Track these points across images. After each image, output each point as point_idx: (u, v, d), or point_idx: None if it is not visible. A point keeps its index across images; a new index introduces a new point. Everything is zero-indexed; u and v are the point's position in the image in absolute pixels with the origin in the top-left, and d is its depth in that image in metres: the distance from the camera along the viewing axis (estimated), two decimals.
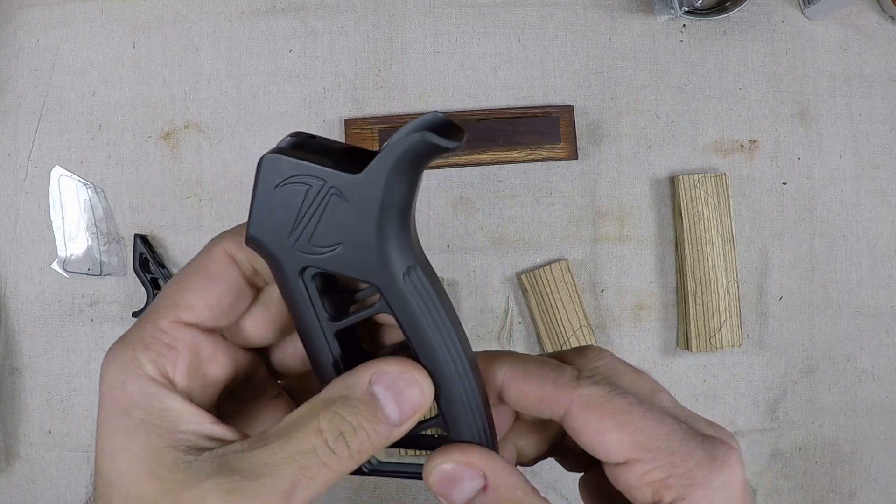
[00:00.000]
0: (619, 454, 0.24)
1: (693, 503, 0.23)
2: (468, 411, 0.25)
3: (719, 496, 0.23)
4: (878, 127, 0.62)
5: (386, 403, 0.23)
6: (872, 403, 0.61)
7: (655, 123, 0.62)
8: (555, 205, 0.61)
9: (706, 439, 0.24)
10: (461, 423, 0.25)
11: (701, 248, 0.59)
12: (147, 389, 0.22)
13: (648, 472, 0.23)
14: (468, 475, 0.24)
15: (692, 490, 0.23)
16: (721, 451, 0.24)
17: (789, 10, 0.62)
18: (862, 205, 0.62)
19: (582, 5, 0.62)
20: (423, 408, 0.24)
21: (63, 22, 0.62)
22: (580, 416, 0.24)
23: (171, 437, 0.22)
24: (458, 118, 0.60)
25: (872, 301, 0.62)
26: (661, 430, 0.24)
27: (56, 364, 0.61)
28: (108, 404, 0.23)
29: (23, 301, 0.61)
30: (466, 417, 0.25)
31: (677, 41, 0.62)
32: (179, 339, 0.23)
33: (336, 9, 0.62)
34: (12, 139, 0.62)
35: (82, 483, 0.61)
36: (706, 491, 0.23)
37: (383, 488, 0.60)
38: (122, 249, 0.61)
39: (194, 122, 0.61)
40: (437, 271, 0.49)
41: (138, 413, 0.22)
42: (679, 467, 0.23)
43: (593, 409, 0.24)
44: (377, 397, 0.23)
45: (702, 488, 0.23)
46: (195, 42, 0.62)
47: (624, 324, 0.61)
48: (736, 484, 0.24)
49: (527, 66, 0.62)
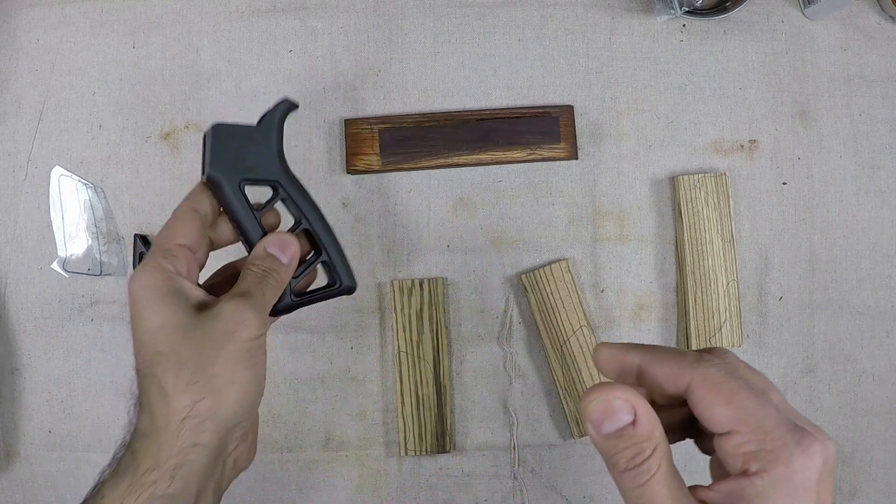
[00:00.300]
0: (724, 425, 0.29)
1: (772, 476, 0.27)
2: (337, 251, 0.46)
3: (797, 476, 0.27)
4: (878, 127, 0.62)
5: (276, 252, 0.42)
6: (872, 403, 0.61)
7: (655, 123, 0.62)
8: (555, 205, 0.61)
9: (798, 429, 0.28)
10: (335, 259, 0.46)
11: (701, 248, 0.59)
12: (170, 277, 0.39)
13: (743, 444, 0.28)
14: (623, 409, 0.29)
15: (774, 466, 0.27)
16: (807, 441, 0.28)
17: (789, 10, 0.62)
18: (862, 205, 0.62)
19: (582, 5, 0.62)
20: (295, 252, 0.43)
21: (63, 22, 0.62)
22: (697, 391, 0.30)
23: (186, 300, 0.39)
24: (458, 118, 0.61)
25: (872, 301, 0.62)
26: (760, 412, 0.28)
27: (56, 364, 0.61)
28: (142, 294, 0.38)
29: (23, 301, 0.61)
30: (337, 255, 0.46)
31: (677, 41, 0.62)
32: (180, 251, 0.40)
33: (336, 9, 0.62)
34: (12, 139, 0.62)
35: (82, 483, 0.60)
36: (785, 469, 0.27)
37: (383, 488, 0.60)
38: (122, 249, 0.61)
39: (194, 122, 0.61)
40: (438, 271, 0.64)
41: (166, 291, 0.39)
42: (768, 444, 0.28)
43: (709, 386, 0.29)
44: (269, 251, 0.42)
45: (782, 466, 0.27)
46: (195, 42, 0.62)
47: (624, 324, 0.61)
48: (813, 470, 0.28)
49: (527, 66, 0.62)
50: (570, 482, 0.61)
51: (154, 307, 0.38)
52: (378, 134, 0.60)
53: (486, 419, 0.61)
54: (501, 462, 0.60)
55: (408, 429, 0.58)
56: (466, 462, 0.60)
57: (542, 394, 0.61)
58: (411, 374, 0.58)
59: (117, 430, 0.61)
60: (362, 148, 0.60)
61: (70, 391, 0.61)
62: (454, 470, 0.60)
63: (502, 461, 0.60)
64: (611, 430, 0.29)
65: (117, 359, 0.61)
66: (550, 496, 0.60)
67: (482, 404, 0.61)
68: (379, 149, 0.60)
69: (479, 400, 0.61)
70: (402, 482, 0.60)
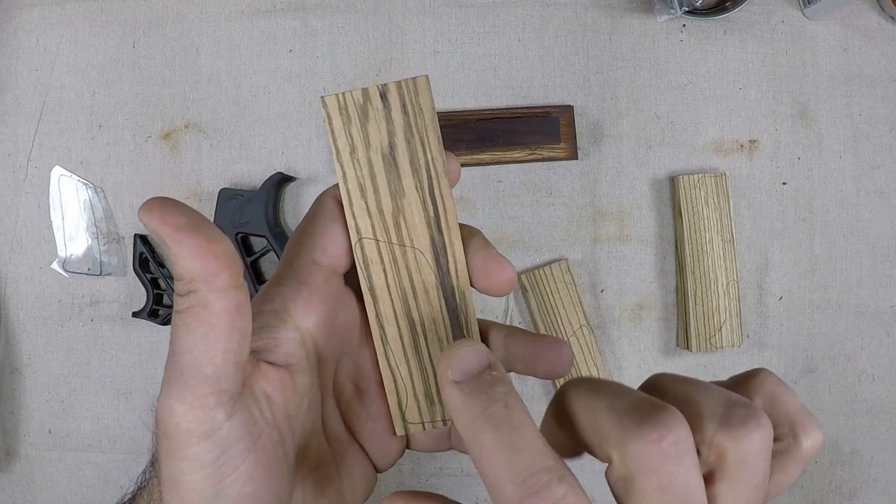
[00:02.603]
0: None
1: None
2: None
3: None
4: (878, 127, 0.62)
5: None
6: (872, 403, 0.61)
7: (655, 123, 0.62)
8: (555, 205, 0.61)
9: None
10: None
11: (701, 248, 0.59)
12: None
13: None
14: (478, 350, 0.23)
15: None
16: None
17: (789, 10, 0.62)
18: (862, 205, 0.62)
19: (582, 5, 0.62)
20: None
21: (63, 22, 0.62)
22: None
23: None
24: (459, 118, 0.60)
25: (872, 301, 0.62)
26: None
27: (56, 364, 0.61)
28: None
29: (23, 301, 0.61)
30: None
31: (677, 41, 0.62)
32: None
33: (336, 9, 0.62)
34: (12, 139, 0.62)
35: (82, 483, 0.61)
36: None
37: (384, 488, 0.60)
38: (122, 249, 0.61)
39: (194, 122, 0.61)
40: None
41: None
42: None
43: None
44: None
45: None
46: (195, 42, 0.62)
47: (624, 324, 0.61)
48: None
49: (527, 66, 0.62)
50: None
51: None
52: None
53: None
54: None
55: (402, 385, 0.29)
56: (466, 462, 0.60)
57: (542, 394, 0.61)
58: (393, 278, 0.28)
59: (117, 430, 0.62)
60: None
61: (70, 391, 0.61)
62: (454, 470, 0.60)
63: None
64: (472, 368, 0.23)
65: (117, 359, 0.61)
66: None
67: None
68: None
69: None
70: (402, 482, 0.60)
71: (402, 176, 0.27)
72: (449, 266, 0.28)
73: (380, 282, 0.28)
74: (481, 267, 0.28)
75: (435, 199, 0.27)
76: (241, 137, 0.61)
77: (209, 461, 0.23)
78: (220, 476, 0.23)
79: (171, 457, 0.23)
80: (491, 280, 0.28)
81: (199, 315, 0.22)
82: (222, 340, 0.22)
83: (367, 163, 0.27)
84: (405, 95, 0.27)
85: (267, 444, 0.24)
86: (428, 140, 0.27)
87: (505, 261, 0.28)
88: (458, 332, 0.28)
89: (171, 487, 0.23)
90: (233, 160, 0.61)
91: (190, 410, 0.22)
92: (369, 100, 0.27)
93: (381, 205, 0.27)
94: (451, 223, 0.28)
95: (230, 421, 0.23)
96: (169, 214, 0.21)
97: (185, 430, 0.22)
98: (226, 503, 0.23)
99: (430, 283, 0.28)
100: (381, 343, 0.29)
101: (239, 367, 0.23)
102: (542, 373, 0.29)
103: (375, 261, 0.28)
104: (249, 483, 0.23)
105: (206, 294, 0.22)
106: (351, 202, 0.27)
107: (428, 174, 0.27)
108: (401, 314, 0.28)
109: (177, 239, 0.21)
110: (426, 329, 0.28)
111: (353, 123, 0.27)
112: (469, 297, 0.28)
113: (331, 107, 0.27)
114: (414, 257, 0.28)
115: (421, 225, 0.28)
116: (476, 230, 0.28)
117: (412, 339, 0.29)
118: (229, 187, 0.59)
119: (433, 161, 0.27)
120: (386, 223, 0.28)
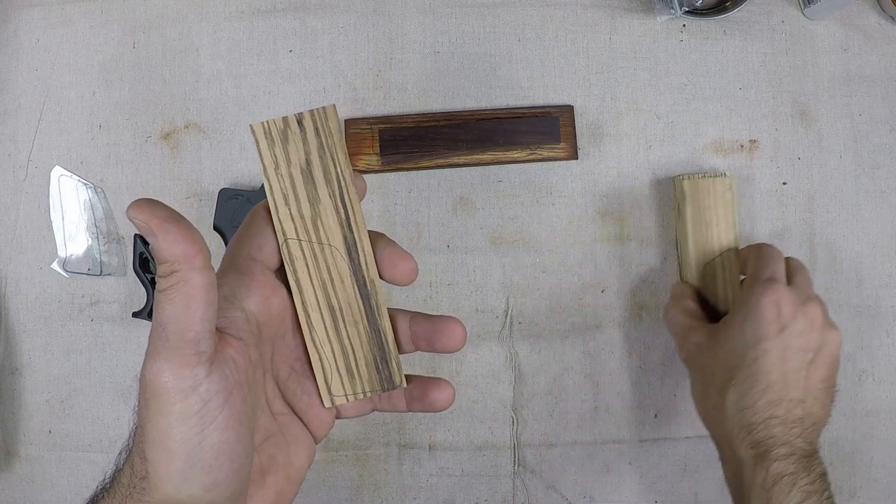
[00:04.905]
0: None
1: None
2: None
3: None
4: (878, 127, 0.62)
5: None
6: (872, 403, 0.61)
7: (655, 123, 0.62)
8: (555, 205, 0.61)
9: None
10: None
11: (702, 247, 0.59)
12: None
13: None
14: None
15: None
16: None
17: (789, 10, 0.62)
18: (862, 205, 0.62)
19: (582, 5, 0.62)
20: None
21: (63, 22, 0.62)
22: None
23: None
24: (458, 118, 0.60)
25: (872, 301, 0.62)
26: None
27: (56, 364, 0.61)
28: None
29: (23, 301, 0.61)
30: None
31: (677, 41, 0.62)
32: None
33: (336, 9, 0.62)
34: (12, 139, 0.62)
35: (82, 483, 0.61)
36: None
37: (384, 488, 0.60)
38: (122, 249, 0.61)
39: (194, 122, 0.61)
40: (437, 271, 0.57)
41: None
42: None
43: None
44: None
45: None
46: (195, 42, 0.62)
47: (624, 324, 0.61)
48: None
49: (527, 66, 0.62)
50: (570, 482, 0.61)
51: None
52: (378, 134, 0.60)
53: (486, 419, 0.61)
54: (501, 462, 0.60)
55: (327, 363, 0.35)
56: (466, 462, 0.60)
57: (542, 393, 0.61)
58: (314, 271, 0.34)
59: (117, 430, 0.62)
60: (362, 148, 0.60)
61: (70, 391, 0.61)
62: (454, 470, 0.60)
63: (502, 461, 0.60)
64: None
65: (117, 359, 0.61)
66: (550, 496, 0.60)
67: (482, 404, 0.61)
68: (379, 149, 0.60)
69: (479, 400, 0.61)
70: (402, 482, 0.60)
71: (317, 186, 0.33)
72: (360, 259, 0.34)
73: (304, 275, 0.33)
74: (387, 259, 0.33)
75: (346, 204, 0.33)
76: (241, 137, 0.61)
77: (194, 412, 0.27)
78: (202, 425, 0.27)
79: (160, 413, 0.27)
80: (395, 270, 0.33)
81: (182, 289, 0.27)
82: (200, 309, 0.27)
83: (288, 176, 0.33)
84: (317, 121, 0.33)
85: (237, 400, 0.29)
86: (337, 156, 0.33)
87: (407, 254, 0.33)
88: (370, 315, 0.34)
89: (159, 443, 0.27)
90: (233, 160, 0.61)
91: (177, 369, 0.27)
92: (289, 126, 0.33)
93: (301, 210, 0.33)
94: (359, 223, 0.34)
95: (209, 377, 0.27)
96: (156, 209, 0.26)
97: (172, 387, 0.27)
98: (207, 450, 0.28)
99: (345, 274, 0.34)
100: (308, 327, 0.34)
101: (212, 334, 0.28)
102: (441, 348, 0.34)
103: (299, 257, 0.33)
104: (226, 432, 0.28)
105: (187, 272, 0.27)
106: (277, 209, 0.33)
107: (339, 184, 0.33)
108: (322, 301, 0.34)
109: (164, 228, 0.26)
110: (344, 313, 0.34)
111: (276, 145, 0.33)
112: (378, 285, 0.34)
113: (258, 132, 0.33)
114: (331, 253, 0.34)
115: (335, 226, 0.33)
116: (382, 233, 0.34)
117: (333, 323, 0.34)
118: (229, 187, 0.59)
119: (342, 173, 0.33)
120: (307, 225, 0.33)
